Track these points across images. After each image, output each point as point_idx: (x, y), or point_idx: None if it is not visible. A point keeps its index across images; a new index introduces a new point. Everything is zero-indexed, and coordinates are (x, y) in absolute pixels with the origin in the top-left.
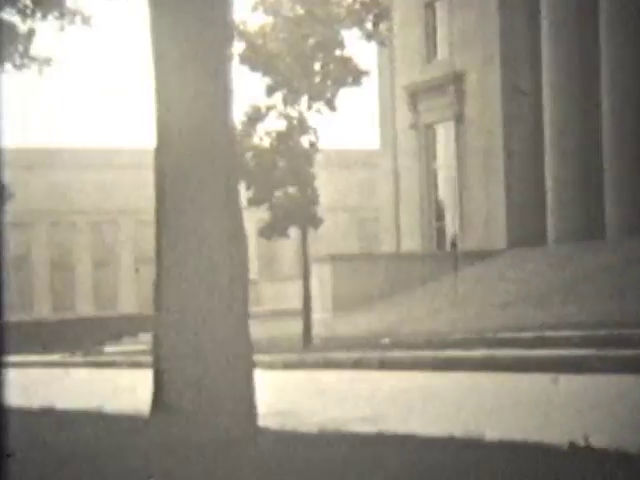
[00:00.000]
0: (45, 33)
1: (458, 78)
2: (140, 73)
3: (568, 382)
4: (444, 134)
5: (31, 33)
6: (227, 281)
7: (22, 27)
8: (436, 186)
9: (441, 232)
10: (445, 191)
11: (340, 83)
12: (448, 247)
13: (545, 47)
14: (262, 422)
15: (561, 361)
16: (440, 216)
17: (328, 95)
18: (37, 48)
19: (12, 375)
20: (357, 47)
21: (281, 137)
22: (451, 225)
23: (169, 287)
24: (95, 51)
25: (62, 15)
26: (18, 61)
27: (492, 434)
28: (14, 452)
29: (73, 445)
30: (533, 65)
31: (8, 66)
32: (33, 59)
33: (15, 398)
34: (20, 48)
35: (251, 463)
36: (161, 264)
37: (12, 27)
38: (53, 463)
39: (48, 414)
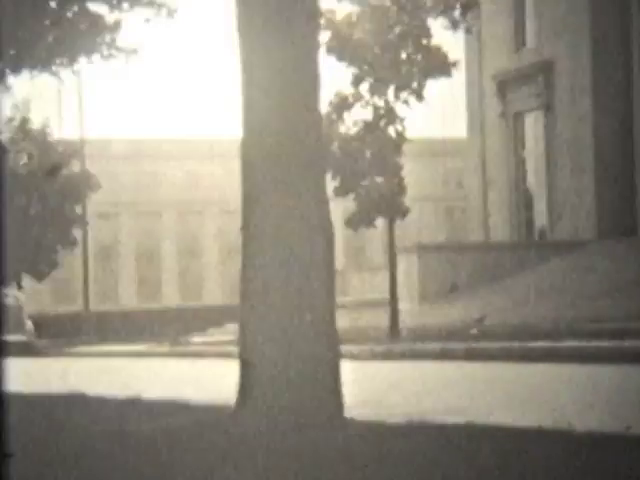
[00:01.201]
0: (131, 25)
1: (547, 67)
2: (226, 63)
3: None
4: (533, 123)
5: (117, 24)
6: (313, 271)
7: (109, 18)
8: (525, 175)
9: (530, 222)
10: (534, 180)
11: (427, 73)
12: (537, 237)
13: (637, 35)
14: (348, 413)
15: None
16: (529, 206)
17: (415, 85)
18: (123, 39)
19: (99, 365)
20: (445, 37)
21: (368, 127)
22: (540, 215)
23: (255, 277)
24: (180, 42)
25: (148, 6)
26: (105, 52)
27: (581, 426)
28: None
29: (158, 435)
30: (624, 54)
31: (96, 57)
32: (119, 50)
33: (101, 388)
34: (107, 39)
35: (338, 454)
36: (247, 254)
37: (99, 18)
38: (138, 453)
39: (134, 404)
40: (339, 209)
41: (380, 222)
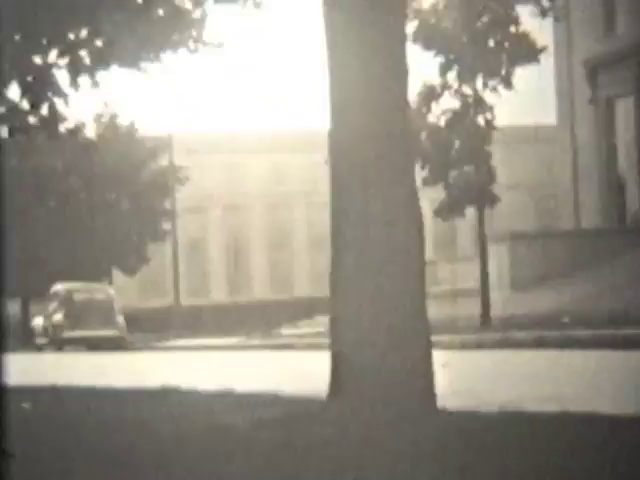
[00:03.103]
0: (218, 17)
1: (639, 50)
2: (313, 54)
3: None
4: (624, 108)
5: (203, 18)
6: (403, 262)
7: (195, 12)
8: (616, 161)
9: (622, 208)
10: (626, 166)
11: (516, 60)
12: (630, 223)
13: None
14: (440, 402)
15: None
16: (621, 192)
17: (503, 73)
18: (210, 33)
19: (191, 358)
20: (533, 22)
21: (456, 116)
22: (633, 201)
23: (345, 269)
24: (266, 33)
25: (233, 1)
26: (192, 46)
27: None
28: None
29: (251, 427)
30: None
31: (183, 51)
32: (206, 44)
33: (194, 381)
34: (194, 33)
35: (431, 443)
36: (336, 246)
37: (186, 13)
38: (231, 444)
39: (226, 397)
40: (429, 199)
41: (470, 211)
